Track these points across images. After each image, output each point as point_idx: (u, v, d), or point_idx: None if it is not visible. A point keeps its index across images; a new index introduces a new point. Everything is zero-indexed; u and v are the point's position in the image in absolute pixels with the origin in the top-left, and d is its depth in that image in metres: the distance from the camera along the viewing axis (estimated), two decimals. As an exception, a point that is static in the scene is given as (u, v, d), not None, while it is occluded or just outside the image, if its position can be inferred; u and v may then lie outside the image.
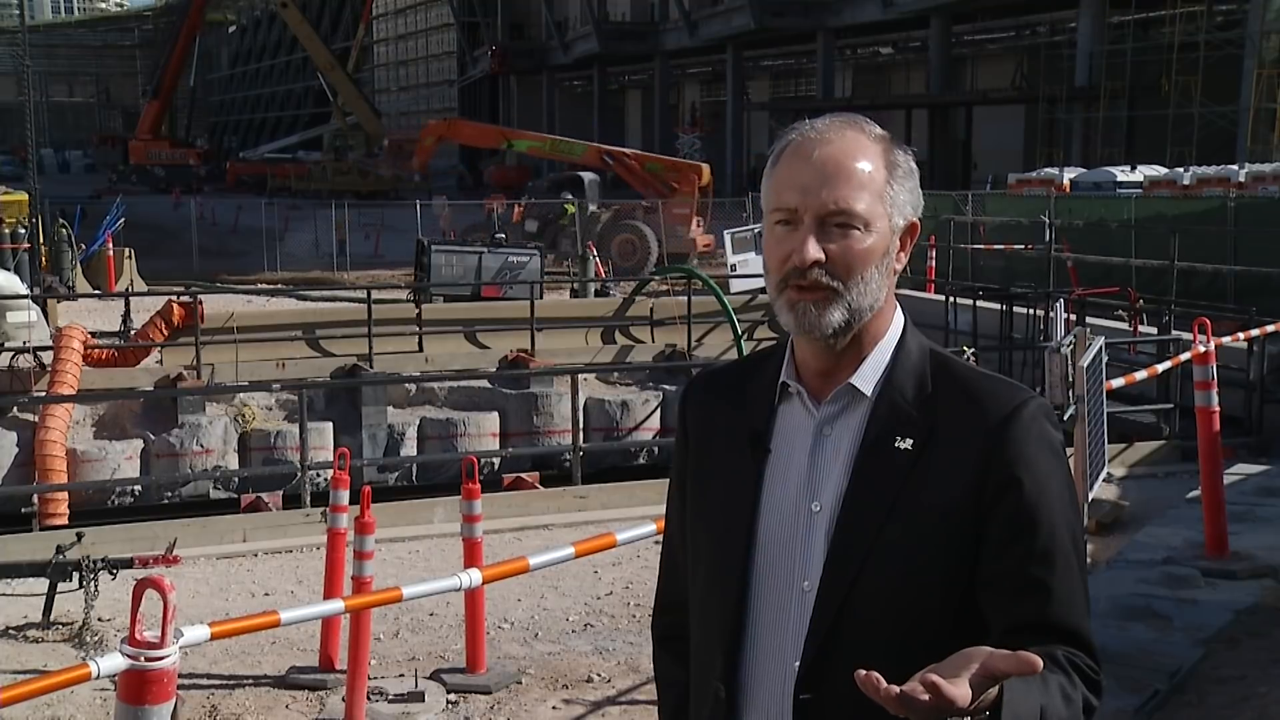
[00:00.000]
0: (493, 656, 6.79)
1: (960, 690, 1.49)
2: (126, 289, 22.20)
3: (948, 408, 1.78)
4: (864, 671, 1.49)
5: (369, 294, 17.26)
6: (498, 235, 24.75)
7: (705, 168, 34.17)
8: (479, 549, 6.49)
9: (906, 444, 1.76)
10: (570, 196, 31.52)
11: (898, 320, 1.85)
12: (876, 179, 1.77)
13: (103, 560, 7.30)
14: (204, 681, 6.58)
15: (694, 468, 1.96)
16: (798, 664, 1.77)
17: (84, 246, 26.54)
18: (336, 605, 5.16)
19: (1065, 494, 1.77)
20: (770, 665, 1.80)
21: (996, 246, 21.58)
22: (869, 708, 1.54)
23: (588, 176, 33.36)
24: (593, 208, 31.16)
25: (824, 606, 1.75)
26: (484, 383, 15.51)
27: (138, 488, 13.45)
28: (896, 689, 1.48)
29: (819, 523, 1.78)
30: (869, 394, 1.80)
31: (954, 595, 1.74)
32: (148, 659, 2.91)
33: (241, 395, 14.19)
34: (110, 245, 26.66)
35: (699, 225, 30.30)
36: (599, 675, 6.66)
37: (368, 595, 5.54)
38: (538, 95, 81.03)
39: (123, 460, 13.33)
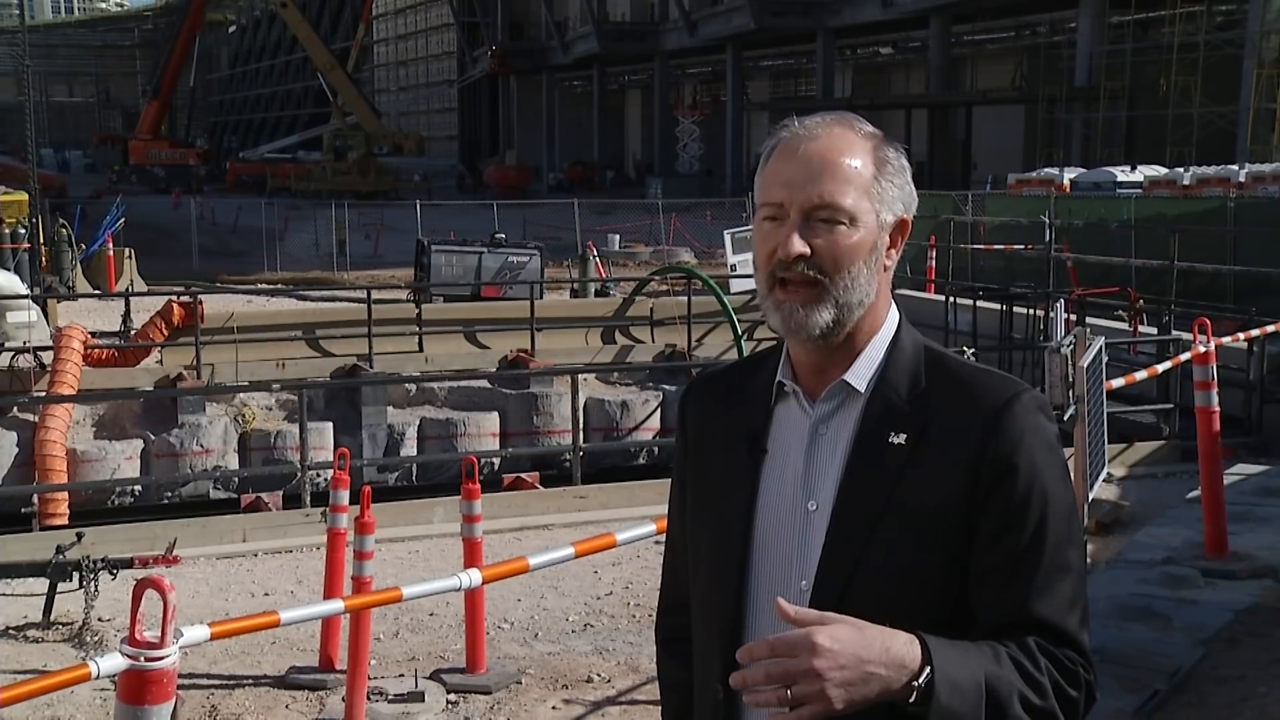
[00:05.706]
0: (492, 656, 6.78)
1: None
2: (126, 289, 22.18)
3: (941, 402, 1.77)
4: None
5: (369, 294, 17.26)
6: (497, 235, 24.70)
7: (64, 181, 48.12)
8: (479, 549, 6.49)
9: (900, 439, 1.75)
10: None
11: (892, 317, 1.84)
12: (864, 174, 1.76)
13: (103, 560, 7.30)
14: (204, 681, 6.58)
15: (693, 469, 1.95)
16: None
17: (84, 246, 26.54)
18: (336, 605, 5.15)
19: (1059, 487, 1.74)
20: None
21: (996, 246, 21.55)
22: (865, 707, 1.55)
23: None
24: None
25: (820, 603, 1.73)
26: (484, 383, 15.50)
27: (138, 488, 13.44)
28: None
29: (816, 521, 1.77)
30: (863, 391, 1.80)
31: (950, 590, 1.73)
32: (147, 659, 2.91)
33: (241, 395, 14.18)
34: (110, 245, 26.67)
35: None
36: (599, 675, 6.66)
37: (368, 595, 5.53)
38: (537, 95, 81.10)
39: (123, 460, 13.32)
